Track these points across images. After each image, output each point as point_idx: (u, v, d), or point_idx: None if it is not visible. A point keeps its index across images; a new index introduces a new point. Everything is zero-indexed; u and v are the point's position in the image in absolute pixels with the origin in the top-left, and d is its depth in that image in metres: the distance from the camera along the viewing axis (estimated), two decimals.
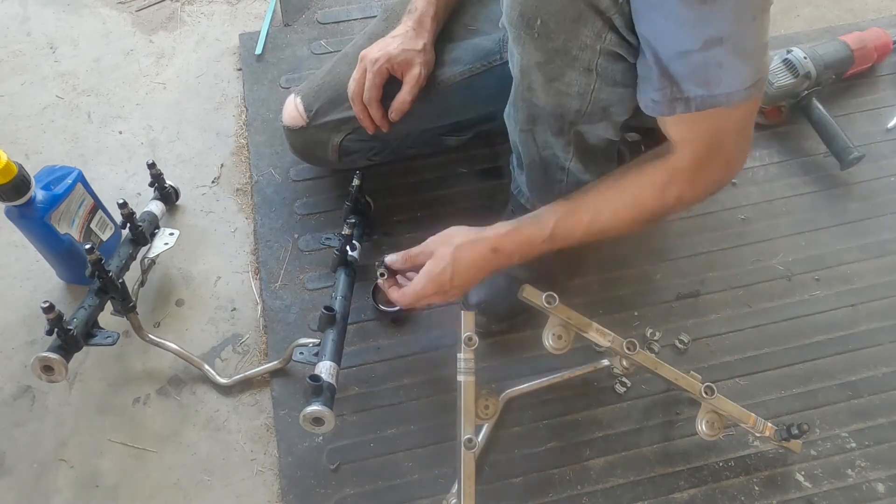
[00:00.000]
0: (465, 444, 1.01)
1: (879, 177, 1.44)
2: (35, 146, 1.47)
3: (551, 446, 1.17)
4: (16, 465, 1.16)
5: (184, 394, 1.22)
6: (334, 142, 1.28)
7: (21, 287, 1.32)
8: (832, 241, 1.37)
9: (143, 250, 1.25)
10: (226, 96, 1.54)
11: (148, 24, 1.65)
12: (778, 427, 1.12)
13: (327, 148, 1.29)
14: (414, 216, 1.37)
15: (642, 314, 1.28)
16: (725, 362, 1.25)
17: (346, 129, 1.27)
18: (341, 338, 1.12)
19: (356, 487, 1.14)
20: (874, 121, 1.50)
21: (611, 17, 0.91)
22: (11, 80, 1.56)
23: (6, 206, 1.14)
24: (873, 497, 1.14)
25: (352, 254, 1.22)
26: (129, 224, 1.21)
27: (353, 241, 1.22)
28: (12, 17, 1.65)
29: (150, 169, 1.29)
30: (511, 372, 1.22)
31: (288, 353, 1.19)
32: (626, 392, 1.21)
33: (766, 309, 1.30)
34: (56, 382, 1.07)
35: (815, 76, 1.45)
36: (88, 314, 1.11)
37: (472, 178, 1.41)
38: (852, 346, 1.26)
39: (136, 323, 1.20)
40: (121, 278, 1.16)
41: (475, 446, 1.02)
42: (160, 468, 1.16)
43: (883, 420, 1.20)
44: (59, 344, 1.06)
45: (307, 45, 1.59)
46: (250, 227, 1.38)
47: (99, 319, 1.14)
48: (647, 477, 1.15)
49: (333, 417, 1.02)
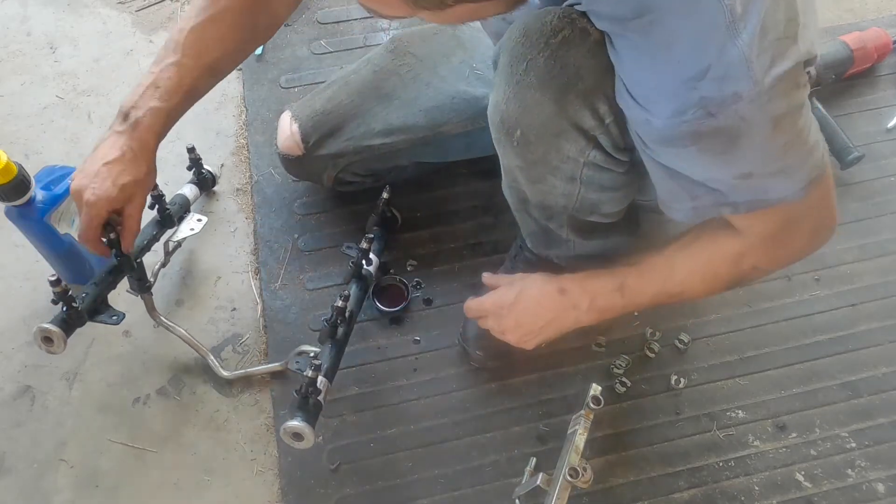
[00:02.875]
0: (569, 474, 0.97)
1: (879, 177, 1.43)
2: (35, 146, 1.47)
3: (551, 446, 1.17)
4: (16, 465, 1.16)
5: (184, 394, 1.22)
6: (330, 173, 1.27)
7: (21, 287, 1.32)
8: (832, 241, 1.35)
9: (168, 233, 1.26)
10: (226, 96, 1.54)
11: (148, 24, 1.65)
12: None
13: (322, 177, 1.29)
14: (413, 216, 1.37)
15: (642, 314, 1.28)
16: (725, 362, 1.25)
17: (343, 162, 1.25)
18: (339, 353, 1.12)
19: (356, 487, 1.14)
20: (874, 121, 1.50)
21: (595, 136, 0.88)
22: (11, 80, 1.56)
23: (6, 206, 1.14)
24: (873, 497, 1.14)
25: (367, 268, 1.21)
26: (158, 206, 1.22)
27: (372, 254, 1.22)
28: (12, 17, 1.65)
29: (189, 153, 1.31)
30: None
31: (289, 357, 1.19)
32: (626, 392, 1.21)
33: (765, 309, 1.30)
34: (54, 354, 1.07)
35: (815, 76, 1.43)
36: (98, 291, 1.12)
37: (472, 178, 1.41)
38: (852, 346, 1.26)
39: (150, 304, 1.20)
40: (139, 258, 1.16)
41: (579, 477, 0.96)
42: (160, 468, 1.16)
43: (883, 420, 1.20)
44: (63, 317, 1.06)
45: (307, 45, 1.59)
46: (250, 227, 1.38)
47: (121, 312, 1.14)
48: (647, 477, 1.15)
49: (314, 435, 1.01)
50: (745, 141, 0.75)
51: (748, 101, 0.72)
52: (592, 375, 1.22)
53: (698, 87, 0.72)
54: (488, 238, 1.35)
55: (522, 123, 0.89)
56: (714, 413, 1.20)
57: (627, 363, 1.23)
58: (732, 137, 0.75)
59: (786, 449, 1.17)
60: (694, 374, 1.23)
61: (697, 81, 0.72)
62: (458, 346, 1.24)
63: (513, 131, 0.91)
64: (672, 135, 0.77)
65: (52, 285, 1.03)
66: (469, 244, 1.35)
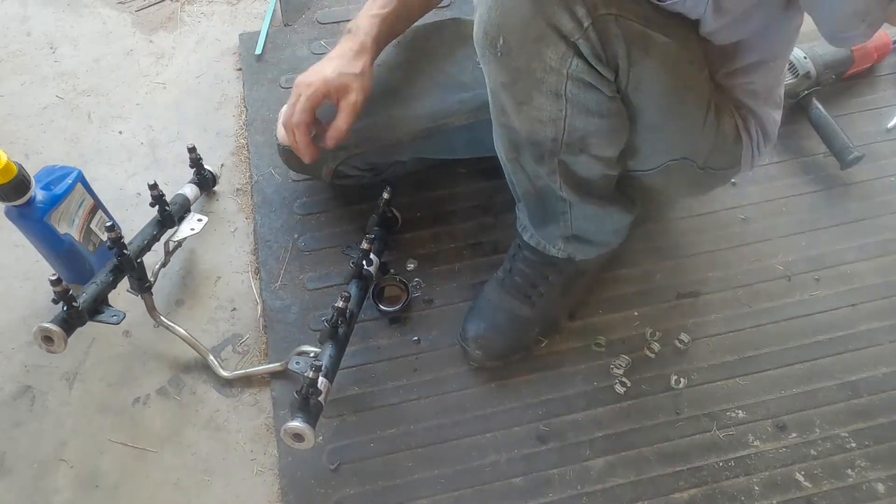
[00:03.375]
0: None
1: (879, 177, 1.43)
2: (35, 146, 1.47)
3: (551, 446, 1.17)
4: (16, 465, 1.16)
5: (184, 394, 1.22)
6: (329, 166, 1.27)
7: (21, 287, 1.32)
8: (832, 241, 1.37)
9: (168, 232, 1.26)
10: (226, 96, 1.54)
11: (148, 24, 1.65)
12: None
13: (321, 170, 1.28)
14: (413, 216, 1.37)
15: (642, 314, 1.28)
16: (725, 362, 1.25)
17: (343, 155, 1.25)
18: (339, 353, 1.12)
19: (356, 487, 1.14)
20: (874, 121, 1.50)
21: (575, 42, 0.89)
22: (11, 80, 1.56)
23: (6, 206, 1.14)
24: (873, 497, 1.14)
25: (367, 268, 1.21)
26: (158, 206, 1.22)
27: (372, 255, 1.22)
28: (12, 17, 1.65)
29: (190, 153, 1.31)
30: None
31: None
32: (626, 392, 1.21)
33: (766, 309, 1.30)
34: (55, 353, 1.07)
35: (815, 76, 1.45)
36: (98, 290, 1.12)
37: (472, 178, 1.41)
38: (852, 346, 1.26)
39: (150, 304, 1.21)
40: (140, 258, 1.16)
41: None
42: (160, 468, 1.16)
43: (883, 420, 1.20)
44: (63, 317, 1.07)
45: (307, 45, 1.59)
46: (250, 227, 1.38)
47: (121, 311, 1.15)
48: (647, 477, 1.15)
49: (314, 435, 1.02)
50: None
51: None
52: (592, 375, 1.22)
53: None
54: (488, 238, 1.35)
55: (504, 29, 0.91)
56: (714, 413, 1.20)
57: (627, 363, 1.23)
58: None
59: (786, 449, 1.17)
60: (694, 374, 1.23)
61: None
62: (457, 345, 1.24)
63: (496, 40, 0.92)
64: None
65: (53, 285, 1.03)
66: (469, 244, 1.35)
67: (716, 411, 1.20)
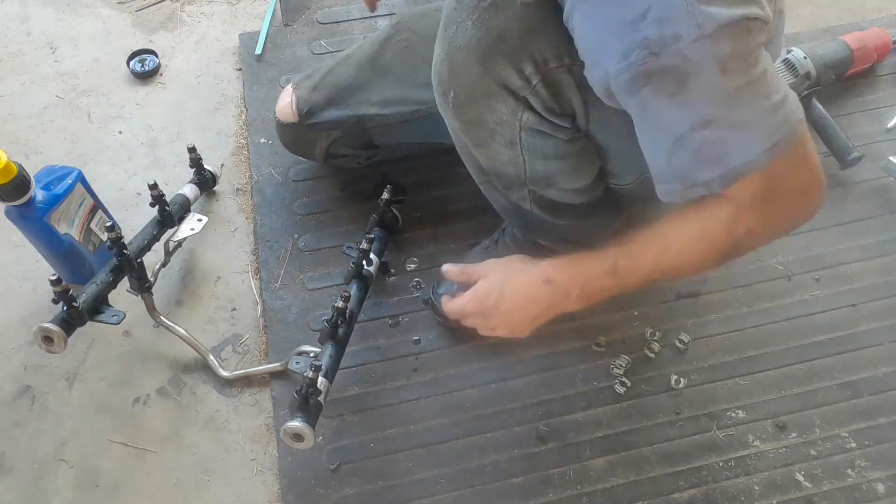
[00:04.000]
0: None
1: (879, 177, 1.43)
2: (35, 146, 1.47)
3: (551, 446, 1.17)
4: (16, 465, 1.16)
5: (184, 394, 1.22)
6: (322, 143, 1.28)
7: (21, 287, 1.32)
8: (832, 241, 1.37)
9: (168, 232, 1.26)
10: (226, 96, 1.54)
11: (148, 24, 1.65)
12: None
13: (315, 148, 1.29)
14: (414, 216, 1.37)
15: (642, 314, 1.28)
16: (725, 362, 1.25)
17: (336, 133, 1.26)
18: (339, 353, 1.12)
19: (356, 487, 1.14)
20: (874, 121, 1.50)
21: (525, 97, 0.89)
22: (11, 80, 1.56)
23: (6, 206, 1.14)
24: (873, 497, 1.14)
25: (367, 268, 1.21)
26: (158, 206, 1.22)
27: (372, 255, 1.22)
28: (12, 17, 1.65)
29: (190, 153, 1.31)
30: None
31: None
32: (626, 392, 1.21)
33: (765, 309, 1.30)
34: (55, 353, 1.08)
35: (815, 76, 1.45)
36: (98, 290, 1.12)
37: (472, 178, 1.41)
38: (852, 346, 1.26)
39: (150, 304, 1.21)
40: (140, 258, 1.17)
41: None
42: (160, 468, 1.16)
43: (883, 420, 1.20)
44: (63, 317, 1.07)
45: (307, 45, 1.59)
46: (250, 227, 1.38)
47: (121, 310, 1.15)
48: (647, 477, 1.15)
49: (314, 435, 1.02)
50: (693, 81, 0.76)
51: (689, 41, 0.74)
52: (592, 375, 1.22)
53: (640, 29, 0.75)
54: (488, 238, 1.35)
55: (454, 84, 0.91)
56: (714, 413, 1.20)
57: (627, 363, 1.23)
58: (681, 77, 0.76)
59: (786, 449, 1.17)
60: (694, 374, 1.23)
61: (639, 23, 0.75)
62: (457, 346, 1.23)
63: (447, 93, 0.93)
64: (626, 79, 0.78)
65: (53, 285, 1.03)
66: (469, 244, 1.35)
67: (716, 411, 1.20)
